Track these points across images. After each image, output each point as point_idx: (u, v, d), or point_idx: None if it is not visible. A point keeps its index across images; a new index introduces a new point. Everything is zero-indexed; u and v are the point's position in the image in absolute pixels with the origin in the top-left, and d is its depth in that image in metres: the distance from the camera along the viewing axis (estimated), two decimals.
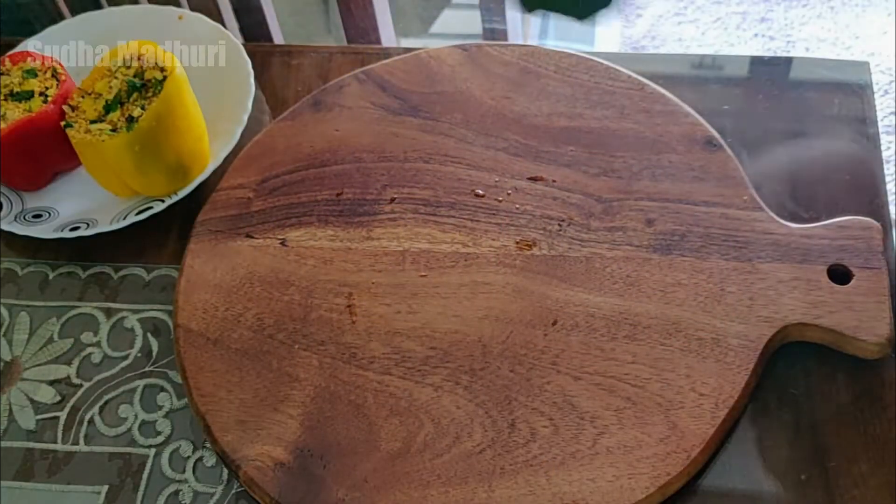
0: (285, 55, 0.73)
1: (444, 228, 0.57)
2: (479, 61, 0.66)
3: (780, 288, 0.51)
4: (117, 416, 0.54)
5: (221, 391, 0.52)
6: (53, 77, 0.64)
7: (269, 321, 0.54)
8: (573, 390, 0.49)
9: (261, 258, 0.57)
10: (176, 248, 0.61)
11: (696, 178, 0.57)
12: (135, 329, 0.58)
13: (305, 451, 0.49)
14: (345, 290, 0.55)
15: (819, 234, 0.54)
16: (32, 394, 0.56)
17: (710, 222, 0.55)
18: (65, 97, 0.62)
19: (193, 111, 0.62)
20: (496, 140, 0.61)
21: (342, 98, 0.66)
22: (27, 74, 0.64)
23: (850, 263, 0.52)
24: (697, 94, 0.64)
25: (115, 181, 0.61)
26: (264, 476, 0.48)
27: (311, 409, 0.50)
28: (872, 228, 0.53)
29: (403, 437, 0.49)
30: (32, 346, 0.58)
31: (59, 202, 0.64)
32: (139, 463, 0.52)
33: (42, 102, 0.62)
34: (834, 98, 0.64)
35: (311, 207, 0.60)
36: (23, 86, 0.63)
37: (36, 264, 0.62)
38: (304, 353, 0.53)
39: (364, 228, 0.58)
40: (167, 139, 0.59)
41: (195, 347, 0.54)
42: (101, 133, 0.58)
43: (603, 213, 0.57)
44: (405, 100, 0.65)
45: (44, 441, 0.54)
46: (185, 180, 0.61)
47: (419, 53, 0.68)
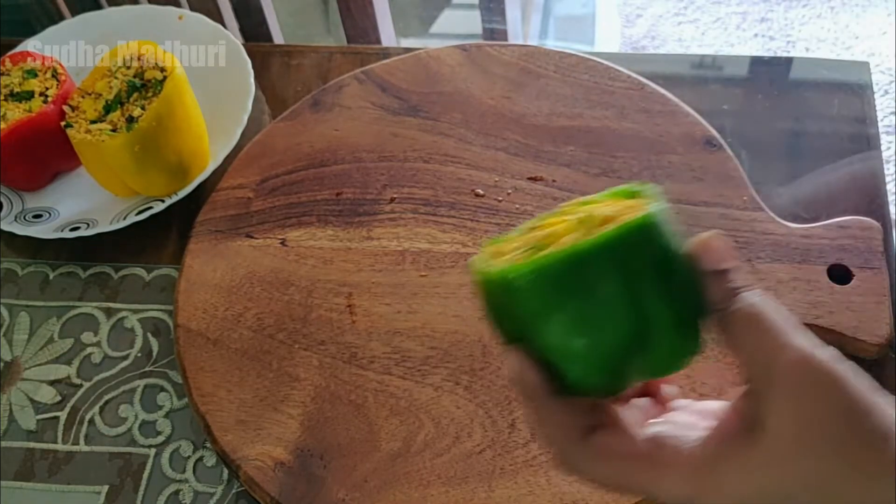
0: (285, 55, 0.73)
1: (444, 228, 0.57)
2: (479, 61, 0.66)
3: (780, 288, 0.51)
4: (117, 416, 0.54)
5: (221, 391, 0.52)
6: (53, 77, 0.64)
7: (270, 321, 0.54)
8: None
9: (261, 258, 0.58)
10: (176, 248, 0.61)
11: (695, 178, 0.57)
12: (135, 329, 0.58)
13: (306, 450, 0.49)
14: (345, 290, 0.55)
15: (819, 234, 0.54)
16: (33, 394, 0.56)
17: (710, 222, 0.55)
18: (65, 97, 0.62)
19: (193, 111, 0.62)
20: (496, 140, 0.61)
21: (342, 98, 0.66)
22: (27, 74, 0.64)
23: (849, 263, 0.52)
24: (697, 94, 0.65)
25: (115, 181, 0.61)
26: (264, 476, 0.48)
27: (311, 409, 0.50)
28: (872, 228, 0.53)
29: (403, 436, 0.49)
30: (33, 346, 0.58)
31: (59, 202, 0.64)
32: (139, 463, 0.52)
33: (42, 102, 0.62)
34: (834, 98, 0.64)
35: (310, 207, 0.60)
36: (23, 86, 0.63)
37: (36, 264, 0.62)
38: (305, 353, 0.53)
39: (364, 228, 0.58)
40: (167, 139, 0.59)
41: (195, 347, 0.54)
42: (101, 133, 0.58)
43: None
44: (405, 100, 0.65)
45: (44, 441, 0.54)
46: (185, 180, 0.61)
47: (419, 53, 0.68)
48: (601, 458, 0.33)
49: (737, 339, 0.32)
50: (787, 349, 0.30)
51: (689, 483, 0.31)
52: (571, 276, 0.32)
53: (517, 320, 0.34)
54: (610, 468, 0.33)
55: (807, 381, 0.29)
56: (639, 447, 0.33)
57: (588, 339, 0.33)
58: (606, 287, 0.32)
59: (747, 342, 0.31)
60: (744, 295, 0.31)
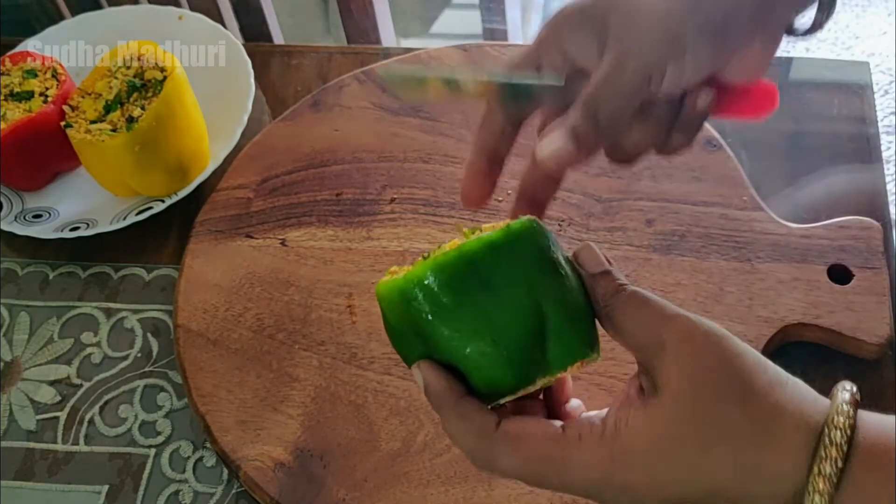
0: (285, 55, 0.73)
1: (444, 229, 0.57)
2: (479, 61, 0.66)
3: (780, 288, 0.51)
4: (117, 416, 0.54)
5: (221, 391, 0.52)
6: (53, 77, 0.64)
7: (269, 321, 0.54)
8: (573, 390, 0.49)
9: (261, 258, 0.58)
10: (176, 248, 0.61)
11: (695, 179, 0.57)
12: (135, 329, 0.58)
13: (306, 451, 0.49)
14: (345, 291, 0.55)
15: (819, 234, 0.54)
16: (32, 394, 0.56)
17: (710, 222, 0.55)
18: (65, 97, 0.62)
19: (193, 111, 0.62)
20: None
21: (342, 98, 0.66)
22: (27, 74, 0.64)
23: (849, 263, 0.52)
24: None
25: (115, 181, 0.61)
26: (264, 476, 0.48)
27: (311, 410, 0.50)
28: (872, 228, 0.53)
29: (403, 436, 0.49)
30: (32, 346, 0.58)
31: (59, 202, 0.64)
32: (139, 463, 0.52)
33: (42, 102, 0.62)
34: (834, 98, 0.64)
35: (310, 207, 0.60)
36: (23, 86, 0.63)
37: (36, 264, 0.62)
38: (305, 354, 0.53)
39: (364, 228, 0.58)
40: (167, 139, 0.59)
41: (195, 347, 0.54)
42: (101, 133, 0.58)
43: (602, 213, 0.57)
44: (405, 100, 0.65)
45: (44, 441, 0.54)
46: (185, 180, 0.61)
47: (419, 53, 0.68)
48: (513, 444, 0.34)
49: (626, 322, 0.35)
50: (672, 321, 0.33)
51: (598, 455, 0.33)
52: (462, 275, 0.34)
53: (419, 331, 0.35)
54: (522, 453, 0.34)
55: (693, 343, 0.33)
56: (549, 427, 0.35)
57: (487, 337, 0.34)
58: (498, 283, 0.34)
59: (636, 323, 0.35)
60: (626, 287, 0.35)
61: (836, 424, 0.32)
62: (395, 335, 0.37)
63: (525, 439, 0.34)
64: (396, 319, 0.36)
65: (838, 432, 0.32)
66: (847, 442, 0.32)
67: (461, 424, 0.35)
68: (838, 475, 0.32)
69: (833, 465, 0.31)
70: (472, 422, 0.35)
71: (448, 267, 0.34)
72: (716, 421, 0.32)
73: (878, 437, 0.32)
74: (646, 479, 0.33)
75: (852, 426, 0.32)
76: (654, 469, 0.33)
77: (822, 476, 0.31)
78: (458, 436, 0.36)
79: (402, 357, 0.37)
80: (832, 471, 0.31)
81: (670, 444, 0.32)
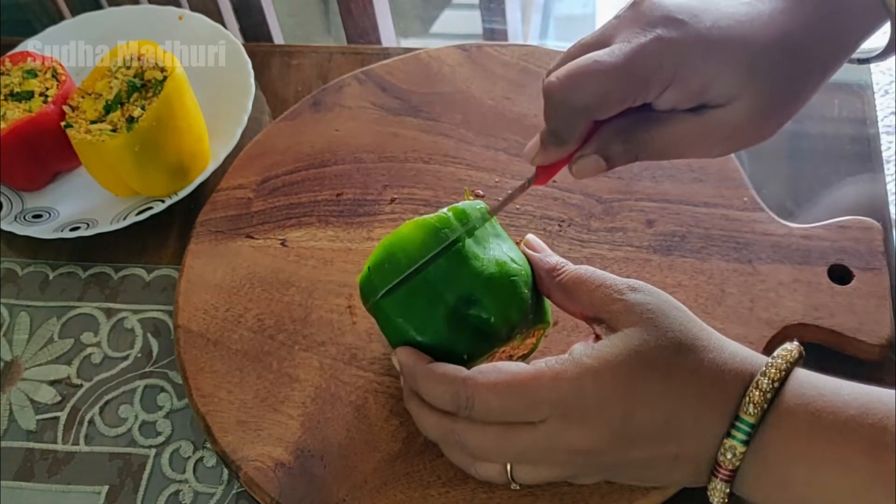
0: (285, 55, 0.73)
1: None
2: (479, 62, 0.66)
3: (781, 289, 0.51)
4: (117, 416, 0.54)
5: (222, 392, 0.52)
6: (53, 77, 0.64)
7: (270, 322, 0.54)
8: None
9: (261, 258, 0.57)
10: (176, 248, 0.61)
11: (695, 179, 0.57)
12: (135, 329, 0.58)
13: (306, 451, 0.49)
14: (345, 291, 0.55)
15: (819, 234, 0.54)
16: (32, 394, 0.56)
17: (711, 223, 0.55)
18: (65, 97, 0.62)
19: (193, 111, 0.62)
20: (496, 140, 0.61)
21: (342, 98, 0.66)
22: (27, 74, 0.64)
23: (850, 264, 0.52)
24: None
25: (115, 181, 0.61)
26: (265, 476, 0.48)
27: (311, 410, 0.50)
28: (873, 229, 0.53)
29: (404, 437, 0.49)
30: (33, 346, 0.58)
31: (59, 202, 0.64)
32: (139, 463, 0.52)
33: (42, 102, 0.62)
34: (834, 98, 0.64)
35: (311, 208, 0.60)
36: (23, 86, 0.63)
37: (36, 264, 0.62)
38: (305, 354, 0.53)
39: (364, 229, 0.58)
40: (167, 139, 0.59)
41: (195, 348, 0.54)
42: (101, 133, 0.58)
43: (603, 214, 0.57)
44: (405, 100, 0.65)
45: (44, 441, 0.54)
46: (185, 180, 0.61)
47: (419, 53, 0.68)
48: (487, 376, 0.38)
49: (573, 297, 0.41)
50: (618, 300, 0.39)
51: (566, 373, 0.37)
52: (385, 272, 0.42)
53: (388, 319, 0.42)
54: (494, 381, 0.38)
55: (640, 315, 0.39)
56: (519, 365, 0.39)
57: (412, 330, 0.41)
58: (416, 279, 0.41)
59: (583, 298, 0.41)
60: (569, 266, 0.42)
61: (765, 374, 0.36)
62: (382, 326, 0.44)
63: (497, 370, 0.38)
64: (377, 314, 0.43)
65: (766, 379, 0.36)
66: (773, 390, 0.36)
67: (434, 377, 0.39)
68: (760, 416, 0.35)
69: (756, 408, 0.35)
70: (444, 372, 0.39)
71: (388, 246, 0.42)
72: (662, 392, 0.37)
73: (799, 393, 0.36)
74: (617, 385, 0.37)
75: (782, 379, 0.36)
76: (624, 375, 0.37)
77: (746, 414, 0.36)
78: (431, 393, 0.40)
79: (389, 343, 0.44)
80: (756, 411, 0.35)
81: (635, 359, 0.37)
